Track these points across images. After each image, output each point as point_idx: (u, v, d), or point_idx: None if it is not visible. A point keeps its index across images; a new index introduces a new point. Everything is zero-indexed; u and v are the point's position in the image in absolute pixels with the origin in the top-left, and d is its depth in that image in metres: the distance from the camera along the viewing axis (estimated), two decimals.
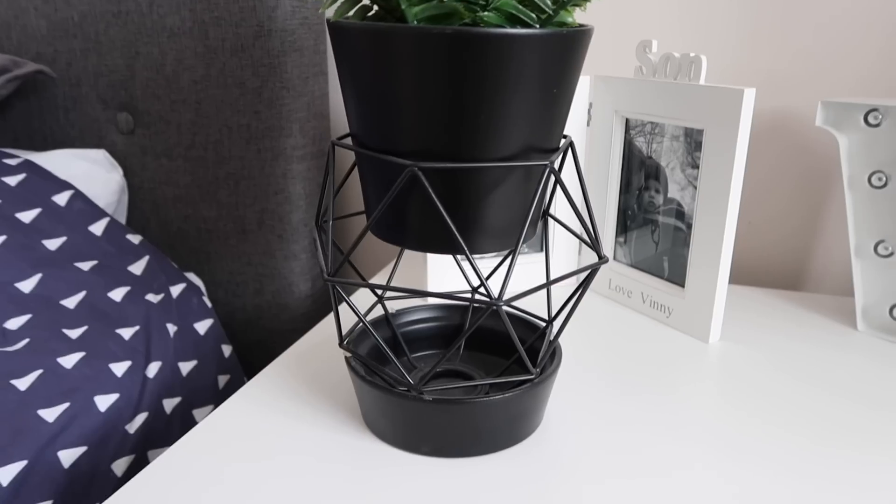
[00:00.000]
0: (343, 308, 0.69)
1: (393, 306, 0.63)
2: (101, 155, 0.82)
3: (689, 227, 0.62)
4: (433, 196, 0.37)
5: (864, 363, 0.58)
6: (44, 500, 0.52)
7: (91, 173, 0.81)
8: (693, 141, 0.61)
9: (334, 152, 0.43)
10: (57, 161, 0.79)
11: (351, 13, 0.39)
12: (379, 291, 0.54)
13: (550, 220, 0.70)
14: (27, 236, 0.69)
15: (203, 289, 0.81)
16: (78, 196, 0.75)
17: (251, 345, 0.86)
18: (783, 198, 0.76)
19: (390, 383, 0.45)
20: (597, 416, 0.50)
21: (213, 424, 0.49)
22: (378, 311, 0.65)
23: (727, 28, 0.73)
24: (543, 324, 0.52)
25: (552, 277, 0.71)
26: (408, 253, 0.89)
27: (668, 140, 0.63)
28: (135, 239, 0.77)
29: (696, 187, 0.61)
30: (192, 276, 0.82)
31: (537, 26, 0.38)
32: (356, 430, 0.48)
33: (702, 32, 0.74)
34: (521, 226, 0.40)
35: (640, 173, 0.67)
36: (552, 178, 0.52)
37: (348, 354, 0.48)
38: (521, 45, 0.35)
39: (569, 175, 0.69)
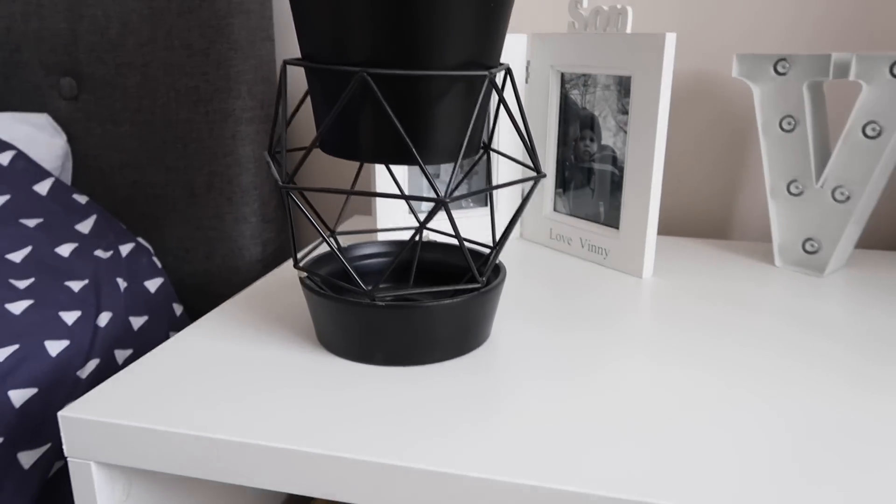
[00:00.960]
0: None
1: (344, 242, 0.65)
2: (44, 119, 0.82)
3: (622, 170, 0.66)
4: (382, 101, 0.40)
5: (780, 292, 0.63)
6: None
7: (34, 137, 0.80)
8: (623, 88, 0.65)
9: (286, 73, 0.45)
10: None
11: None
12: (331, 227, 0.56)
13: (493, 155, 0.73)
14: None
15: (152, 251, 0.81)
16: (21, 156, 0.75)
17: (203, 310, 0.86)
18: (708, 153, 0.82)
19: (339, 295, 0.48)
20: (541, 334, 0.53)
21: (168, 349, 0.50)
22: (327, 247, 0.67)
23: None
24: (488, 251, 0.55)
25: (499, 231, 0.75)
26: (355, 203, 0.91)
27: (601, 90, 0.67)
28: (81, 199, 0.76)
29: (626, 132, 0.65)
30: (140, 241, 0.82)
31: None
32: (311, 350, 0.50)
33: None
34: (465, 136, 0.43)
35: (575, 124, 0.71)
36: (495, 99, 0.54)
37: (303, 275, 0.50)
38: None
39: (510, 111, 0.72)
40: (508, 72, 0.48)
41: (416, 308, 0.45)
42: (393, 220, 0.71)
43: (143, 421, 0.40)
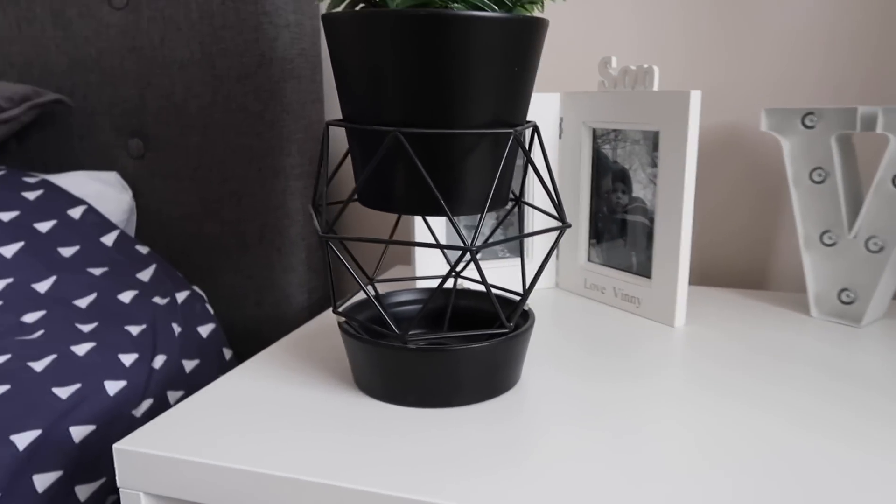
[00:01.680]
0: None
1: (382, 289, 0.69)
2: (113, 177, 0.89)
3: (653, 221, 0.68)
4: (414, 157, 0.43)
5: (817, 343, 0.63)
6: (55, 470, 0.56)
7: (104, 193, 0.87)
8: (651, 142, 0.68)
9: (328, 133, 0.49)
10: (72, 182, 0.85)
11: (341, 7, 0.46)
12: (371, 275, 0.60)
13: (524, 207, 0.76)
14: (43, 244, 0.75)
15: (206, 298, 0.86)
16: (91, 211, 0.81)
17: (252, 354, 0.90)
18: (742, 204, 0.83)
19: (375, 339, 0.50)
20: (571, 379, 0.55)
21: (217, 388, 0.53)
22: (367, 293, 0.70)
23: (679, 47, 0.81)
24: (519, 298, 0.57)
25: (529, 277, 0.77)
26: (396, 253, 0.94)
27: (630, 144, 0.70)
28: (143, 250, 0.82)
29: (655, 184, 0.67)
30: (195, 288, 0.87)
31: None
32: (348, 392, 0.53)
33: (658, 50, 0.82)
34: (492, 189, 0.46)
35: (607, 177, 0.73)
36: (521, 154, 0.58)
37: (342, 319, 0.53)
38: (483, 25, 0.42)
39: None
40: (535, 129, 0.51)
41: (446, 351, 0.47)
42: (431, 269, 0.73)
43: (191, 454, 0.43)
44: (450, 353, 0.48)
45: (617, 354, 0.60)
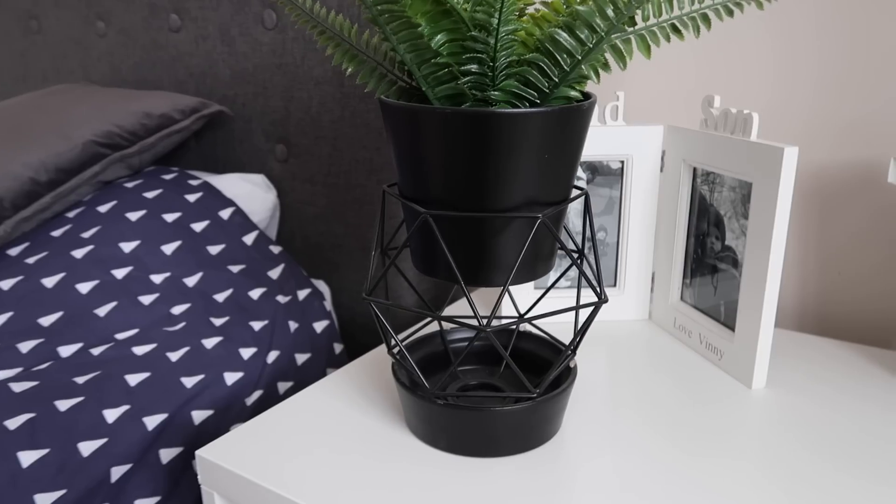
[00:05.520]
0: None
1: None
2: (260, 178, 1.01)
3: (741, 273, 0.64)
4: (440, 238, 0.47)
5: None
6: (177, 446, 0.69)
7: (252, 193, 0.99)
8: (746, 193, 0.63)
9: (384, 197, 0.54)
10: (227, 182, 0.99)
11: (390, 91, 0.50)
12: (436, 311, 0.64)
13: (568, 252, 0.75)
14: (196, 242, 0.89)
15: (326, 295, 0.96)
16: (238, 212, 0.94)
17: (367, 344, 1.00)
18: (873, 250, 0.74)
19: (414, 387, 0.55)
20: (614, 435, 0.55)
21: (289, 406, 0.62)
22: (435, 327, 0.75)
23: (813, 80, 0.73)
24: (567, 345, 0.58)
25: (584, 313, 0.76)
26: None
27: (727, 190, 0.66)
28: (275, 249, 0.94)
29: (746, 236, 0.63)
30: (319, 283, 0.97)
31: (538, 101, 0.46)
32: (396, 423, 0.58)
33: (789, 77, 0.75)
34: (515, 265, 0.48)
35: (704, 220, 0.70)
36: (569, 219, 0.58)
37: (393, 361, 0.58)
38: (500, 120, 0.44)
39: (639, 208, 0.74)
40: (587, 197, 0.52)
41: (467, 409, 0.51)
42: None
43: (246, 472, 0.52)
44: (472, 411, 0.51)
45: (675, 411, 0.59)
